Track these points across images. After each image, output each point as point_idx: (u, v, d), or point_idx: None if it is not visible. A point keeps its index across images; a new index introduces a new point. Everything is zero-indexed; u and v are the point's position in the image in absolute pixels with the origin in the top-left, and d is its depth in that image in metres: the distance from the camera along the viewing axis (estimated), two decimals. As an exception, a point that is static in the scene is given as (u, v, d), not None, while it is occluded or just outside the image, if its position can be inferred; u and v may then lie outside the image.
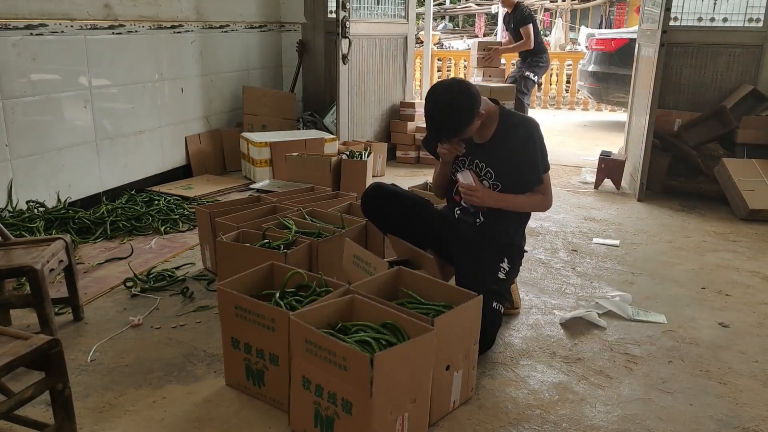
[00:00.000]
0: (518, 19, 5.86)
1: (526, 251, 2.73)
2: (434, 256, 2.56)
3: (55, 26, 3.63)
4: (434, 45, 12.53)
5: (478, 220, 2.54)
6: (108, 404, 2.03)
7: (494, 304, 2.33)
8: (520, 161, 2.42)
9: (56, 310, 2.59)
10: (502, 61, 6.82)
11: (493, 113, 2.44)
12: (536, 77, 6.06)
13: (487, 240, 2.51)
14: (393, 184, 2.75)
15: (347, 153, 4.54)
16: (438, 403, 1.96)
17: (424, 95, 2.54)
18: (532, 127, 2.43)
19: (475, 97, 2.30)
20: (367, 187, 2.75)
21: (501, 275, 2.45)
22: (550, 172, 2.51)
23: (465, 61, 9.82)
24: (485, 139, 2.47)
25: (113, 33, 4.06)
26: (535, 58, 5.96)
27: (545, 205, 2.56)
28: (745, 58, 4.76)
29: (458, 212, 2.60)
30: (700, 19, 4.84)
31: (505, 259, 2.48)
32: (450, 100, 2.28)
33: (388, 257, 2.72)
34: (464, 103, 2.28)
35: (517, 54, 6.34)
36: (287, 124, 5.53)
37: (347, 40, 5.10)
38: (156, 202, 4.07)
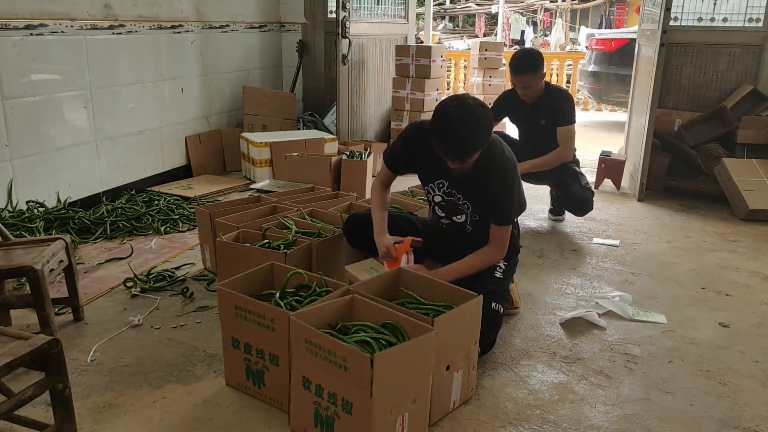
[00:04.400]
0: (554, 112, 3.61)
1: (522, 246, 2.72)
2: (431, 262, 2.57)
3: (55, 26, 3.63)
4: (434, 45, 12.51)
5: (467, 228, 2.52)
6: (108, 404, 2.03)
7: (493, 304, 2.32)
8: (492, 201, 2.35)
9: (56, 310, 2.59)
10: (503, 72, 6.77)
11: None
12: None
13: (477, 245, 2.47)
14: (368, 210, 2.71)
15: (347, 153, 4.54)
16: (438, 403, 1.96)
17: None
18: (511, 166, 2.34)
19: (491, 118, 2.23)
20: (345, 220, 2.73)
21: (498, 274, 2.44)
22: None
23: (465, 61, 9.82)
24: (464, 172, 2.36)
25: (113, 33, 4.06)
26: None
27: (495, 258, 2.41)
28: (745, 58, 4.77)
29: (444, 224, 2.59)
30: (700, 19, 4.84)
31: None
32: (472, 125, 2.13)
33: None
34: (483, 130, 2.18)
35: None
36: (287, 124, 5.53)
37: (347, 40, 5.10)
38: (156, 202, 4.07)
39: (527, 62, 3.54)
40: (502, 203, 2.34)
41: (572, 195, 3.67)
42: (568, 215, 4.01)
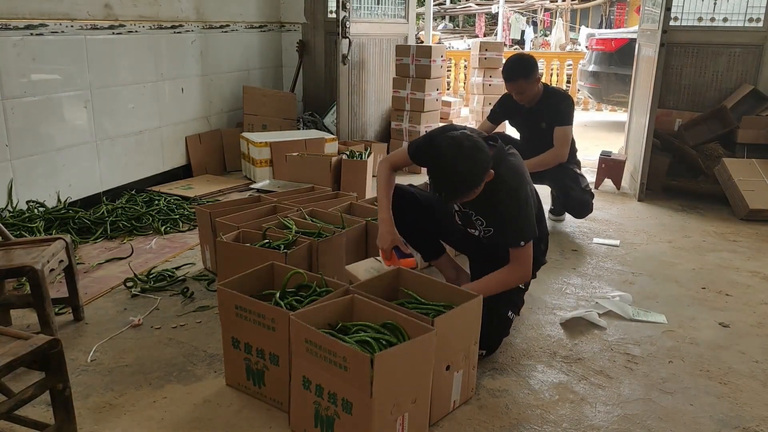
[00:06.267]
0: (553, 114, 3.61)
1: (546, 262, 2.67)
2: (448, 258, 2.64)
3: (55, 26, 3.63)
4: (434, 45, 12.51)
5: (483, 241, 2.48)
6: (108, 404, 2.03)
7: (509, 312, 2.34)
8: (502, 222, 2.26)
9: (56, 310, 2.59)
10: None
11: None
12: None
13: (491, 255, 2.42)
14: (411, 185, 2.70)
15: (347, 153, 4.54)
16: (438, 403, 1.96)
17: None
18: (520, 182, 2.23)
19: (486, 162, 2.09)
20: (395, 188, 2.59)
21: (521, 285, 2.44)
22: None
23: (465, 61, 9.82)
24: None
25: (113, 33, 4.06)
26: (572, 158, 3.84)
27: (520, 281, 2.31)
28: (746, 58, 4.77)
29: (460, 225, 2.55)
30: (700, 19, 4.84)
31: None
32: (461, 165, 2.03)
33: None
34: (476, 169, 2.05)
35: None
36: (287, 124, 5.53)
37: (347, 40, 5.10)
38: (156, 202, 4.07)
39: (519, 68, 3.51)
40: (512, 224, 2.23)
41: (572, 198, 3.67)
42: (568, 215, 4.01)
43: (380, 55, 5.72)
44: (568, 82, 10.16)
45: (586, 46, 9.27)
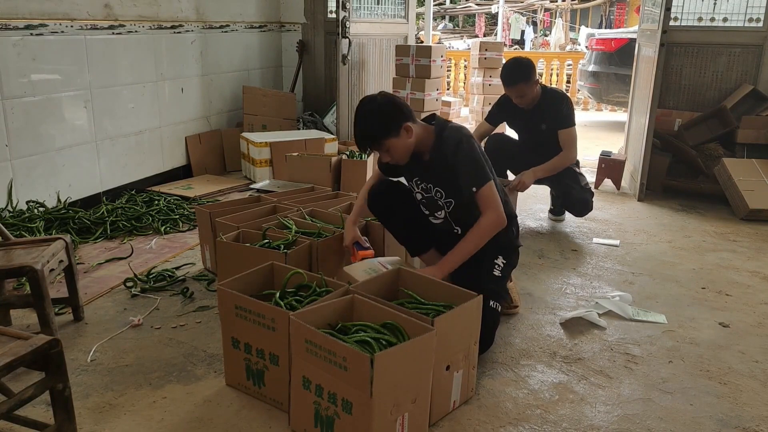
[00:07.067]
0: (554, 116, 3.61)
1: (521, 246, 2.68)
2: (436, 254, 2.60)
3: (55, 26, 3.63)
4: (434, 45, 12.50)
5: (456, 230, 2.54)
6: (108, 404, 2.03)
7: (491, 303, 2.32)
8: (455, 172, 2.36)
9: (56, 310, 2.59)
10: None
11: (429, 132, 2.41)
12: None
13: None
14: (398, 181, 2.75)
15: (347, 153, 4.54)
16: (438, 403, 1.96)
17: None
18: (461, 135, 2.37)
19: (391, 114, 2.31)
20: (374, 183, 2.73)
21: (497, 272, 2.44)
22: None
23: (465, 61, 9.82)
24: (426, 159, 2.45)
25: (113, 33, 4.06)
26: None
27: (495, 225, 2.34)
28: (745, 57, 4.77)
29: (435, 224, 2.62)
30: (700, 19, 4.85)
31: (500, 256, 2.47)
32: (366, 112, 2.34)
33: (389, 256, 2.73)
34: (378, 117, 2.30)
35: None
36: (287, 124, 5.53)
37: (347, 40, 5.11)
38: (156, 202, 4.07)
39: (518, 72, 3.53)
40: (463, 173, 2.34)
41: (573, 197, 3.68)
42: (568, 215, 4.02)
43: (380, 55, 5.73)
44: (568, 82, 10.16)
45: (586, 46, 9.27)
